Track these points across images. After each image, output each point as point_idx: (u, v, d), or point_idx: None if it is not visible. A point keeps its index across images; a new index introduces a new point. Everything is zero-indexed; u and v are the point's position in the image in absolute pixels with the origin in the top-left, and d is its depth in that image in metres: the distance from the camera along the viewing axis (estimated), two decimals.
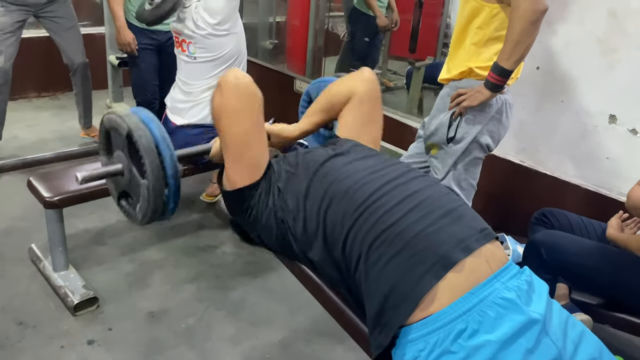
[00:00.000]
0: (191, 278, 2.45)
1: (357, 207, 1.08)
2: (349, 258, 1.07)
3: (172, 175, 1.17)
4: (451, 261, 1.00)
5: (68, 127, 3.93)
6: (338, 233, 1.09)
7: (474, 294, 0.98)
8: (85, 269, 2.44)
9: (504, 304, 0.97)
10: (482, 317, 0.95)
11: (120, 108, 4.31)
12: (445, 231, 1.04)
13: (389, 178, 1.14)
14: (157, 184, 1.15)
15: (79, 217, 2.78)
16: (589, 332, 1.05)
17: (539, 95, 2.49)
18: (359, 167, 1.18)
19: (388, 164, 1.21)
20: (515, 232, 2.48)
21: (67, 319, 2.15)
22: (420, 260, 1.00)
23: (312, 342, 2.12)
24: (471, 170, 1.97)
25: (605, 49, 2.25)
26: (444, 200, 1.12)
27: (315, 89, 1.62)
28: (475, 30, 1.83)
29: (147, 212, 1.19)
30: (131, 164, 1.20)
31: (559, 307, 1.05)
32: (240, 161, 1.21)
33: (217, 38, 2.29)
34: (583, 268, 1.83)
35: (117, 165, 1.23)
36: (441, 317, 0.97)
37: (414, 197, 1.10)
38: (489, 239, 1.07)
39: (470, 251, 1.02)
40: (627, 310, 1.85)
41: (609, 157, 2.35)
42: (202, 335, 2.12)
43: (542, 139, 2.55)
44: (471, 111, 1.86)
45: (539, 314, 0.97)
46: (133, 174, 1.20)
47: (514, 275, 1.04)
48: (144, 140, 1.14)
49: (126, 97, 4.43)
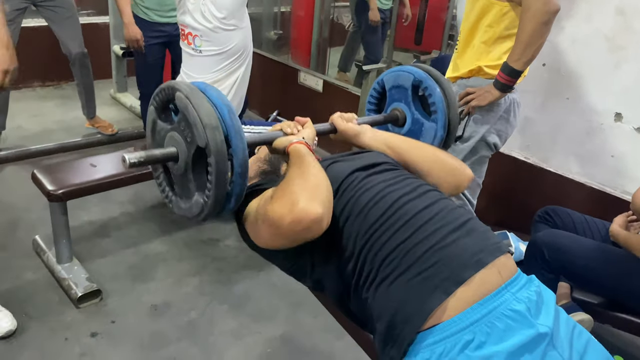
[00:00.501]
0: (194, 272, 2.46)
1: (370, 225, 1.07)
2: (359, 274, 1.06)
3: (240, 174, 0.99)
4: (462, 278, 0.99)
5: (73, 117, 3.93)
6: (350, 251, 1.07)
7: (482, 305, 0.97)
8: (89, 261, 2.45)
9: (513, 316, 0.96)
10: (491, 328, 0.95)
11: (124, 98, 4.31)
12: (456, 245, 1.03)
13: (402, 193, 1.12)
14: (220, 155, 0.95)
15: (84, 209, 2.79)
16: (594, 341, 1.04)
17: (545, 92, 2.47)
18: (374, 181, 1.15)
19: (401, 178, 1.18)
20: (518, 229, 2.48)
21: (70, 311, 2.17)
22: (431, 276, 0.99)
23: (313, 337, 2.14)
24: (477, 168, 1.96)
25: (613, 47, 2.23)
26: (455, 215, 1.10)
27: (391, 79, 1.43)
28: (485, 29, 1.81)
29: (210, 196, 0.98)
30: (187, 141, 0.99)
31: (566, 317, 1.05)
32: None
33: (224, 32, 2.27)
34: (585, 269, 1.83)
35: (170, 148, 1.03)
36: (449, 326, 0.96)
37: (425, 213, 1.08)
38: (502, 251, 1.05)
39: (483, 265, 1.01)
40: (628, 311, 1.85)
41: (614, 155, 2.34)
42: (205, 330, 2.13)
43: (547, 136, 2.54)
44: (479, 110, 1.85)
45: (547, 327, 0.96)
46: (189, 154, 1.00)
47: (523, 285, 1.03)
48: (201, 108, 0.95)
49: (130, 86, 4.44)
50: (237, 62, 2.36)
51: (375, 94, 1.48)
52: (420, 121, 1.38)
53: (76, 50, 3.32)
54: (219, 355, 2.02)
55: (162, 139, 1.06)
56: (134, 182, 2.39)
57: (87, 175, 2.26)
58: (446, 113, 1.34)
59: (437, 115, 1.34)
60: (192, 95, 0.96)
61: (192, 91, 0.97)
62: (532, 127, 2.54)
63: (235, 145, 0.97)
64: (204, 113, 0.95)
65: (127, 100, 4.28)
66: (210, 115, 0.95)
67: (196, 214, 1.02)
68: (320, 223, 0.96)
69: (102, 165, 2.36)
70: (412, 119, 1.39)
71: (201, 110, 0.95)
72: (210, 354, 2.02)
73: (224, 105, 0.99)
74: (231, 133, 0.97)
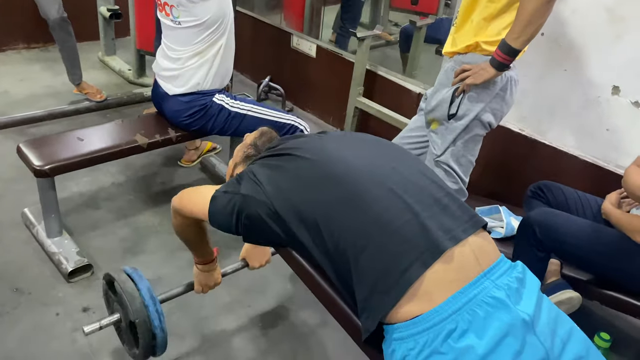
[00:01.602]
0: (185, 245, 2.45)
1: (350, 196, 1.10)
2: (338, 244, 1.08)
3: (159, 327, 1.60)
4: (439, 250, 1.02)
5: (60, 82, 3.83)
6: (328, 220, 1.10)
7: (463, 293, 0.99)
8: (80, 234, 2.44)
9: (493, 303, 0.98)
10: (472, 316, 0.96)
11: (113, 62, 4.20)
12: (432, 220, 1.06)
13: (381, 162, 1.16)
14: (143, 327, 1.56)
15: (73, 180, 2.76)
16: (577, 329, 1.06)
17: (543, 64, 2.42)
18: (348, 150, 1.21)
19: (381, 149, 1.23)
20: (511, 201, 2.48)
21: (62, 285, 2.17)
22: (409, 249, 1.02)
23: (303, 312, 2.16)
24: (470, 147, 1.94)
25: (613, 18, 2.17)
26: (432, 189, 1.14)
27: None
28: (485, 4, 1.75)
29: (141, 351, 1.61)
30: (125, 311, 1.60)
31: (549, 304, 1.06)
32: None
33: (200, 2, 2.18)
34: (575, 248, 1.83)
35: (114, 315, 1.65)
36: (431, 316, 0.98)
37: (403, 185, 1.11)
38: (476, 228, 1.09)
39: (457, 241, 1.04)
40: (615, 288, 1.87)
41: (609, 128, 2.31)
42: (197, 303, 2.14)
43: (543, 109, 2.50)
44: (475, 88, 1.81)
45: (527, 314, 0.98)
46: (127, 319, 1.60)
47: (504, 271, 1.05)
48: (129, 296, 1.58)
49: (119, 49, 4.32)
50: (217, 32, 2.27)
51: None
52: None
53: (54, 15, 3.15)
54: (211, 329, 2.04)
55: (112, 302, 1.71)
56: (122, 156, 2.34)
57: (74, 149, 2.21)
58: None
59: None
60: (124, 286, 1.60)
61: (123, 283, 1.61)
62: (528, 98, 2.50)
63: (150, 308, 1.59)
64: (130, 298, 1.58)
65: (116, 64, 4.17)
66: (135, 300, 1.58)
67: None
68: None
69: (90, 138, 2.31)
70: None
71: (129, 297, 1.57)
72: (202, 328, 2.04)
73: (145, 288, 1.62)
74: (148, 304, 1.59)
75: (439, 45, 3.63)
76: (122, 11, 3.91)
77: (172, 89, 2.40)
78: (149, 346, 1.58)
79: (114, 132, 2.40)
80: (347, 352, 1.95)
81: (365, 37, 2.96)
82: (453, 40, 1.90)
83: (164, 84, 2.41)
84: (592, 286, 1.93)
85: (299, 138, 1.31)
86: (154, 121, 2.52)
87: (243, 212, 1.19)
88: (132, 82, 3.99)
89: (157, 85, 2.47)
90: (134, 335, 1.59)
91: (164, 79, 2.41)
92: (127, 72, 4.05)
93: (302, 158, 1.19)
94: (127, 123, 2.48)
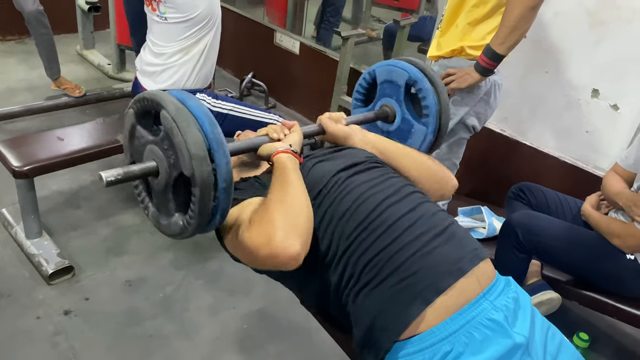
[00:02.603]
0: (168, 245, 2.44)
1: (352, 229, 1.06)
2: (339, 279, 1.06)
3: (225, 189, 0.94)
4: (442, 287, 0.99)
5: (37, 75, 3.74)
6: (332, 255, 1.06)
7: (461, 315, 0.98)
8: (60, 234, 2.40)
9: (491, 326, 0.97)
10: (469, 339, 0.96)
11: (91, 55, 4.13)
12: (437, 253, 1.03)
13: (384, 196, 1.10)
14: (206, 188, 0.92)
15: (52, 178, 2.70)
16: (566, 342, 1.08)
17: (525, 65, 2.44)
18: (356, 182, 1.13)
19: (384, 178, 1.16)
20: (492, 201, 2.51)
21: (42, 287, 2.13)
22: (411, 284, 0.99)
23: (289, 313, 2.16)
24: (455, 150, 1.95)
25: (594, 22, 2.20)
26: (436, 220, 1.09)
27: (384, 72, 1.38)
28: (470, 9, 1.76)
29: (190, 222, 0.97)
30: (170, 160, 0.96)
31: (541, 319, 1.07)
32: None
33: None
34: (556, 249, 1.87)
35: (151, 163, 0.98)
36: (428, 337, 0.97)
37: (407, 219, 1.07)
38: (481, 258, 1.06)
39: (463, 273, 1.02)
40: (594, 289, 1.91)
41: (589, 130, 2.35)
42: (180, 305, 2.14)
43: (524, 110, 2.53)
44: (459, 92, 1.82)
45: (523, 336, 0.98)
46: (170, 176, 0.96)
47: (501, 291, 1.05)
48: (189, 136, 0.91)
49: (98, 42, 4.24)
50: (204, 30, 2.24)
51: (365, 84, 1.43)
52: (410, 122, 1.34)
53: (29, 8, 3.05)
54: (195, 332, 2.03)
55: (141, 147, 1.01)
56: (104, 156, 2.31)
57: (54, 149, 2.17)
58: (438, 118, 1.31)
59: (428, 119, 1.31)
60: (179, 118, 0.91)
61: (178, 112, 0.92)
62: (510, 99, 2.52)
63: (218, 160, 0.92)
64: (192, 141, 0.90)
65: (95, 58, 4.09)
66: (198, 145, 0.90)
67: (176, 233, 1.00)
68: (297, 259, 0.93)
69: (70, 138, 2.27)
70: (402, 118, 1.36)
71: (189, 138, 0.90)
72: (186, 331, 2.03)
73: (206, 119, 0.94)
74: (214, 147, 0.92)
75: (421, 44, 3.64)
76: (101, 4, 3.83)
77: (152, 86, 2.36)
78: (207, 214, 0.95)
79: (95, 132, 2.37)
80: (331, 354, 1.96)
81: (350, 36, 2.96)
82: (438, 44, 1.91)
83: (144, 80, 2.36)
84: (571, 287, 1.96)
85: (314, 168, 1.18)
86: None
87: None
88: (112, 77, 3.92)
89: (137, 83, 2.43)
90: (178, 197, 0.99)
91: (145, 74, 2.37)
92: (106, 66, 3.98)
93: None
94: (108, 122, 2.44)
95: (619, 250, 1.79)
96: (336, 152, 1.25)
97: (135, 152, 1.03)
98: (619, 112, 2.23)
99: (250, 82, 3.91)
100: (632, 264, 1.78)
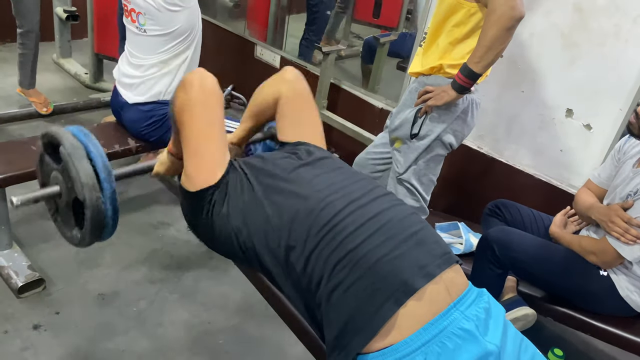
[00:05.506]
0: (143, 258, 2.40)
1: (320, 228, 1.07)
2: (310, 278, 1.06)
3: (112, 210, 1.19)
4: (412, 288, 1.01)
5: (10, 83, 3.66)
6: (299, 252, 1.07)
7: (433, 325, 0.99)
8: (31, 246, 2.34)
9: (463, 335, 0.98)
10: (441, 348, 0.97)
11: (68, 65, 4.07)
12: (407, 256, 1.05)
13: (353, 197, 1.13)
14: (94, 211, 1.16)
15: (24, 188, 2.59)
16: (540, 355, 1.09)
17: (501, 84, 2.49)
18: (324, 182, 1.16)
19: (353, 180, 1.19)
20: (468, 217, 2.53)
21: (11, 301, 2.07)
22: (382, 287, 1.01)
23: (265, 328, 2.13)
24: (432, 166, 1.97)
25: (568, 43, 2.26)
26: (406, 223, 1.11)
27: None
28: (450, 28, 1.79)
29: (85, 236, 1.22)
30: (68, 185, 1.19)
31: (514, 331, 1.08)
32: (200, 155, 1.19)
33: (168, 12, 2.13)
34: (529, 265, 1.90)
35: (54, 187, 1.22)
36: (401, 348, 0.98)
37: (376, 220, 1.09)
38: (449, 263, 1.08)
39: (431, 277, 1.03)
40: (567, 305, 1.93)
41: (563, 149, 2.40)
42: (154, 320, 2.09)
43: (500, 128, 2.57)
44: (437, 109, 1.85)
45: (494, 345, 0.99)
46: (70, 198, 1.20)
47: (473, 301, 1.06)
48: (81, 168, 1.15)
49: (75, 51, 4.19)
50: (184, 44, 2.24)
51: None
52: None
53: (34, 29, 3.10)
54: (170, 347, 1.99)
55: (49, 172, 1.25)
56: None
57: (28, 159, 2.11)
58: None
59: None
60: (74, 154, 1.14)
61: (73, 149, 1.15)
62: (486, 117, 2.57)
63: (105, 187, 1.16)
64: (83, 173, 1.13)
65: (72, 67, 4.03)
66: (89, 176, 1.14)
67: (76, 244, 1.25)
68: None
69: None
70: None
71: (80, 170, 1.13)
72: (160, 346, 1.99)
73: (97, 154, 1.17)
74: (102, 177, 1.15)
75: (400, 61, 3.68)
76: (79, 13, 3.79)
77: (132, 97, 2.34)
78: (97, 229, 1.19)
79: None
80: None
81: (330, 51, 2.98)
82: (419, 61, 1.94)
83: (124, 91, 2.34)
84: (545, 303, 1.99)
85: (276, 162, 1.24)
86: (113, 130, 2.45)
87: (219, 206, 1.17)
88: (89, 87, 3.87)
89: (116, 93, 2.40)
90: (77, 215, 1.21)
91: (124, 86, 2.35)
92: (83, 75, 3.93)
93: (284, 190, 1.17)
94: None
95: (592, 266, 1.82)
96: (286, 151, 1.31)
97: (45, 176, 1.28)
98: (591, 131, 2.29)
99: (230, 95, 3.90)
100: (605, 280, 1.81)
